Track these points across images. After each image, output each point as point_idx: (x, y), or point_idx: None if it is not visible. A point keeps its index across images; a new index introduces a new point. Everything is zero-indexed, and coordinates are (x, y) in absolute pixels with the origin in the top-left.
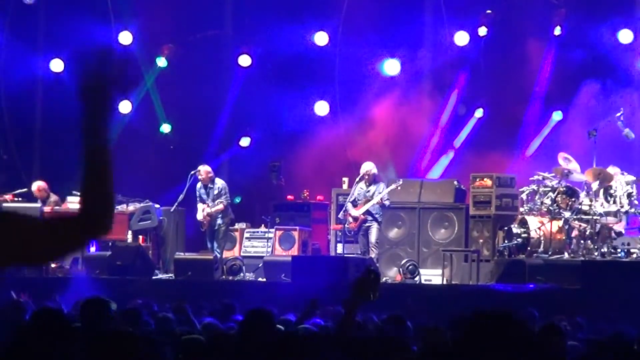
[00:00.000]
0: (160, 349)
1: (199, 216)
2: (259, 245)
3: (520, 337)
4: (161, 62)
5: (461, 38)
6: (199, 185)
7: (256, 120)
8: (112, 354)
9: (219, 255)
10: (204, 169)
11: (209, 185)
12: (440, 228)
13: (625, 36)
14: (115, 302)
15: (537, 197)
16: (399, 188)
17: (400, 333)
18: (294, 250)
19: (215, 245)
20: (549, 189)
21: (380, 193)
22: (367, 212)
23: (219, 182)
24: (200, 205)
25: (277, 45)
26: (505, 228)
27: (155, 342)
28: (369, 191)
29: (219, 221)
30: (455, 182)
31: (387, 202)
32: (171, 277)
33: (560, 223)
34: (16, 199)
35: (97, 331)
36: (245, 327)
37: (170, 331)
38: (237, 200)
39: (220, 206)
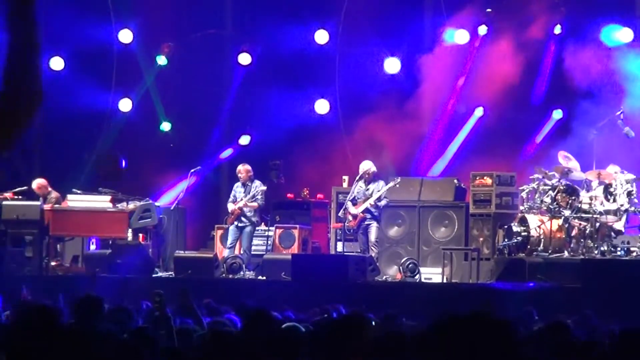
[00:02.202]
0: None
1: (230, 207)
2: (259, 244)
3: (501, 340)
4: (161, 60)
5: (461, 37)
6: (237, 184)
7: (256, 118)
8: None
9: (228, 251)
10: (244, 168)
11: (248, 183)
12: (440, 226)
13: (625, 35)
14: (115, 300)
15: (537, 195)
16: (397, 185)
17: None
18: (294, 249)
19: (245, 245)
20: (549, 187)
21: (379, 191)
22: (367, 211)
23: (257, 182)
24: (230, 205)
25: (278, 43)
26: (505, 226)
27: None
28: (368, 189)
29: (245, 219)
30: (456, 181)
31: (383, 202)
32: (171, 275)
33: (560, 221)
34: (16, 197)
35: (89, 329)
36: (248, 326)
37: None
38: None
39: (255, 204)
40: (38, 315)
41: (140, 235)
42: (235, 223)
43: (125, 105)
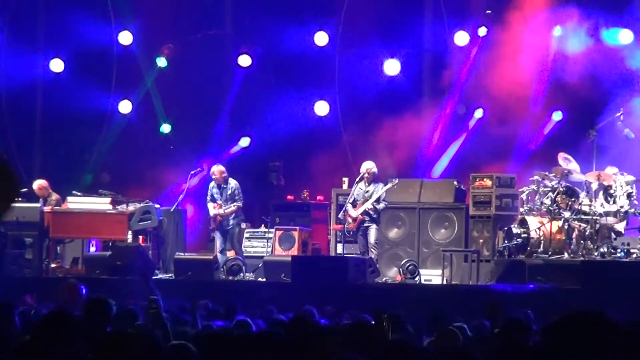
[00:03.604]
0: (161, 348)
1: (212, 212)
2: (259, 245)
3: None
4: (161, 62)
5: (461, 38)
6: (212, 184)
7: (256, 120)
8: (114, 353)
9: (223, 257)
10: (217, 169)
11: (223, 185)
12: (440, 228)
13: (625, 36)
14: (115, 302)
15: (537, 197)
16: (394, 187)
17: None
18: (294, 250)
19: (229, 246)
20: (549, 189)
21: (377, 193)
22: (365, 213)
23: (233, 182)
24: (210, 205)
25: (277, 45)
26: (505, 228)
27: (157, 341)
28: (367, 191)
29: (231, 222)
30: (455, 182)
31: (381, 205)
32: (171, 277)
33: (560, 223)
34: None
35: (100, 331)
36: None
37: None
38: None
39: (233, 208)
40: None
41: (140, 237)
42: (220, 228)
43: (125, 107)
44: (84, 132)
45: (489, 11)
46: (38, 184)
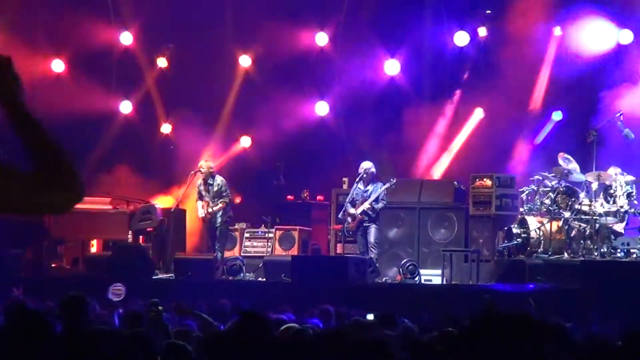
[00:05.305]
0: (152, 349)
1: (200, 213)
2: (259, 245)
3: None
4: (162, 62)
5: (461, 38)
6: (199, 181)
7: (256, 120)
8: (96, 352)
9: (220, 255)
10: (206, 164)
11: (209, 181)
12: (440, 228)
13: (625, 36)
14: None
15: (537, 197)
16: (392, 186)
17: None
18: (294, 250)
19: (217, 244)
20: (549, 189)
21: (376, 193)
22: (364, 213)
23: (219, 179)
24: (199, 203)
25: (278, 45)
26: (505, 228)
27: (149, 341)
28: (366, 191)
29: (219, 219)
30: (455, 182)
31: (380, 205)
32: (171, 277)
33: (560, 223)
34: None
35: (76, 329)
36: (239, 329)
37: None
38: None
39: (222, 204)
40: (30, 320)
41: (141, 237)
42: (208, 227)
43: (125, 107)
44: (84, 132)
45: (488, 11)
46: None
